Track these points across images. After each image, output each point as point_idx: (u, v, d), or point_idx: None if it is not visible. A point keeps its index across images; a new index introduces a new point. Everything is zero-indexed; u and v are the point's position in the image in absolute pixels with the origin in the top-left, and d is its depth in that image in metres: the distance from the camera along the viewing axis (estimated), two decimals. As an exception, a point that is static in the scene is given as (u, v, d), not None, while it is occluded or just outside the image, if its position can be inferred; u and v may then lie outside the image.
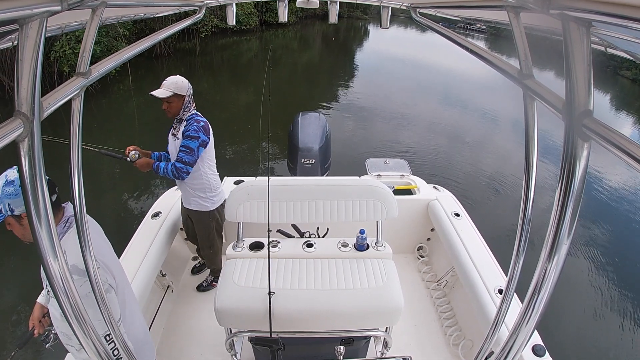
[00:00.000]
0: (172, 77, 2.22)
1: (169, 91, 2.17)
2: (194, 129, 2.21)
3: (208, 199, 2.46)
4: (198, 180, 2.38)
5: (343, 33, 28.55)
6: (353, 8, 32.08)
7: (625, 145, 0.46)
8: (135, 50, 0.91)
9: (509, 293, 0.87)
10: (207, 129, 2.28)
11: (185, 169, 2.23)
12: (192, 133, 2.20)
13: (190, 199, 2.46)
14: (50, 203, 0.60)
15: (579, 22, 0.50)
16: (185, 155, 2.21)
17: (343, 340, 1.70)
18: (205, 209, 2.47)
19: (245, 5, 18.56)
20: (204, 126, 2.25)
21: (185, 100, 2.23)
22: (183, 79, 2.23)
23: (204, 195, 2.44)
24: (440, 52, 16.11)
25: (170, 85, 2.19)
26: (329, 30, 26.97)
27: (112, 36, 11.24)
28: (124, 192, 5.56)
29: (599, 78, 11.62)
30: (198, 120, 2.26)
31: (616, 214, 6.34)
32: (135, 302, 1.52)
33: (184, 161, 2.21)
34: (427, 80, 15.20)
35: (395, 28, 32.42)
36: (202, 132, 2.23)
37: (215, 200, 2.50)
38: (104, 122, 8.66)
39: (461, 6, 1.12)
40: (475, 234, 2.58)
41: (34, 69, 0.51)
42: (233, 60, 16.78)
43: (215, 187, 2.49)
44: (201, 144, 2.24)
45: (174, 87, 2.19)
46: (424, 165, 6.96)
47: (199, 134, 2.22)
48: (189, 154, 2.21)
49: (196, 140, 2.21)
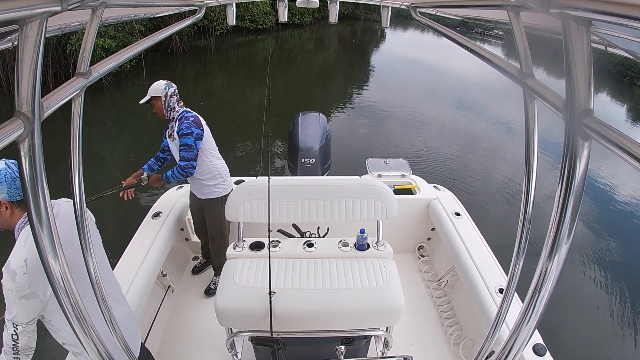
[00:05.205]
0: (153, 84, 2.36)
1: (147, 96, 2.34)
2: (185, 126, 2.32)
3: (219, 184, 2.56)
4: (206, 170, 2.49)
5: (359, 35, 28.49)
6: (370, 10, 31.92)
7: (625, 144, 0.46)
8: (135, 50, 0.91)
9: (510, 292, 0.87)
10: (198, 122, 2.37)
11: (190, 164, 2.36)
12: (185, 130, 2.31)
13: (203, 190, 2.56)
14: (50, 203, 0.60)
15: (579, 21, 0.50)
16: (186, 153, 2.34)
17: (344, 340, 1.70)
18: (218, 195, 2.57)
19: (261, 5, 18.66)
20: (194, 120, 2.35)
21: (163, 100, 2.33)
22: (160, 81, 2.36)
23: (216, 182, 2.55)
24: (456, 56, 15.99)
25: (148, 91, 2.35)
26: (345, 32, 26.93)
27: (128, 31, 11.31)
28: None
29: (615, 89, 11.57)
30: (187, 116, 2.35)
31: (617, 214, 6.34)
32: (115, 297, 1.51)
33: (186, 158, 2.35)
34: (441, 84, 15.01)
35: (413, 31, 32.31)
36: (193, 126, 2.33)
37: (227, 185, 2.60)
38: (118, 117, 8.72)
39: (461, 5, 1.12)
40: (476, 233, 2.58)
41: (34, 69, 0.51)
42: (249, 59, 16.81)
43: (224, 172, 2.60)
44: (197, 138, 2.34)
45: (150, 91, 2.34)
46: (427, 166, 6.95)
47: (192, 129, 2.32)
48: (189, 151, 2.34)
49: (191, 136, 2.32)
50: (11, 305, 1.18)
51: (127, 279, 2.06)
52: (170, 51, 14.77)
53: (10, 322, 1.22)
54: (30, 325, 1.23)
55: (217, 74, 14.31)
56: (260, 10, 19.76)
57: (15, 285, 1.14)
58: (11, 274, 1.14)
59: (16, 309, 1.18)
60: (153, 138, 7.27)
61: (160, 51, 14.41)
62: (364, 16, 35.12)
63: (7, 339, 1.23)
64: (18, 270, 1.14)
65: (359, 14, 34.85)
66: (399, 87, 13.75)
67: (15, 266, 1.14)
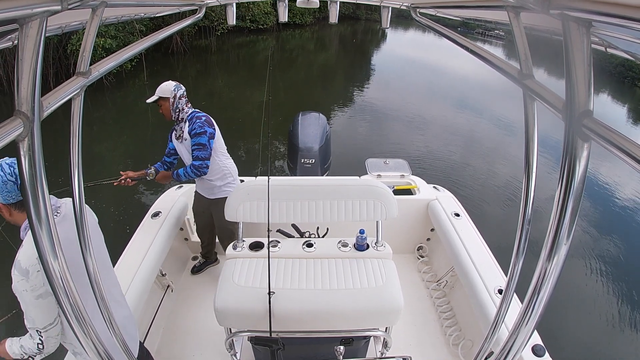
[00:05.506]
0: (162, 83, 2.34)
1: (155, 96, 2.32)
2: (198, 125, 2.31)
3: (229, 184, 2.56)
4: (216, 170, 2.48)
5: (360, 35, 28.47)
6: (371, 10, 31.92)
7: (625, 145, 0.46)
8: (135, 50, 0.91)
9: (509, 293, 0.87)
10: (210, 122, 2.37)
11: (204, 164, 2.35)
12: (198, 130, 2.31)
13: (213, 190, 2.55)
14: (50, 203, 0.60)
15: (579, 22, 0.50)
16: (200, 152, 2.33)
17: (343, 340, 1.70)
18: (228, 195, 2.55)
19: (262, 5, 18.68)
20: (206, 120, 2.35)
21: (171, 102, 2.32)
22: (169, 82, 2.34)
23: (226, 182, 2.55)
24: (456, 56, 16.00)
25: (157, 91, 2.33)
26: (346, 32, 26.87)
27: (128, 31, 11.31)
28: (123, 192, 5.57)
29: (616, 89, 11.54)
30: (199, 116, 2.34)
31: (617, 215, 6.34)
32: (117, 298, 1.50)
33: (200, 157, 2.33)
34: (441, 85, 14.98)
35: (414, 32, 32.31)
36: (206, 125, 2.32)
37: (236, 185, 2.59)
38: (118, 116, 8.71)
39: (461, 6, 1.12)
40: (475, 234, 2.58)
41: (34, 68, 0.51)
42: (249, 59, 16.79)
43: (234, 172, 2.60)
44: (210, 137, 2.34)
45: (158, 91, 2.32)
46: (427, 166, 6.95)
47: (205, 128, 2.31)
48: (203, 150, 2.33)
49: (204, 135, 2.31)
50: (28, 309, 1.15)
51: (126, 279, 2.05)
52: (171, 51, 14.80)
53: (34, 331, 1.18)
54: (54, 329, 1.20)
55: (218, 74, 14.31)
56: (261, 11, 19.79)
57: (30, 285, 1.12)
58: (24, 273, 1.11)
59: (34, 312, 1.15)
60: (153, 138, 7.29)
61: (161, 51, 14.43)
62: (365, 16, 35.13)
63: (31, 347, 1.20)
64: (31, 268, 1.12)
65: (360, 14, 34.86)
66: (400, 88, 13.75)
67: (28, 264, 1.12)
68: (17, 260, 1.13)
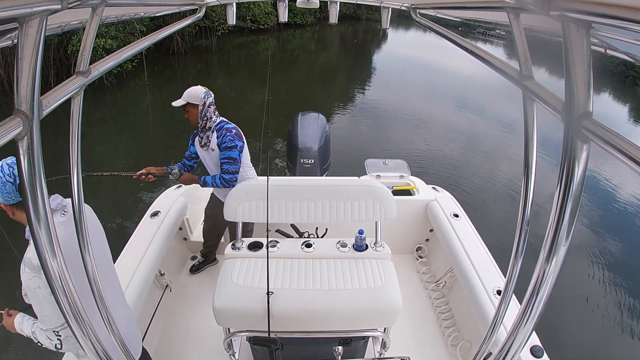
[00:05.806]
0: (191, 87, 2.27)
1: (183, 100, 2.24)
2: (229, 139, 2.26)
3: None
4: (239, 179, 2.43)
5: (361, 35, 28.43)
6: (372, 11, 31.94)
7: (624, 146, 0.46)
8: (135, 49, 0.91)
9: (508, 294, 0.87)
10: (240, 135, 2.33)
11: (234, 177, 2.32)
12: (229, 144, 2.26)
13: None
14: (49, 202, 0.60)
15: (578, 24, 0.50)
16: (230, 166, 2.30)
17: (341, 341, 1.70)
18: None
19: (262, 5, 18.65)
20: (236, 133, 2.30)
21: (200, 109, 2.25)
22: (199, 88, 2.26)
23: None
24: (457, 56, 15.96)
25: (185, 95, 2.25)
26: (347, 32, 26.82)
27: (129, 31, 11.27)
28: (123, 191, 5.57)
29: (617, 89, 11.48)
30: (229, 128, 2.29)
31: (616, 215, 6.34)
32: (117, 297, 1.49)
33: (230, 171, 2.30)
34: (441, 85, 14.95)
35: (415, 32, 32.30)
36: (237, 139, 2.29)
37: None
38: (119, 117, 8.69)
39: (461, 7, 1.12)
40: (474, 234, 2.58)
41: (34, 67, 0.51)
42: (250, 59, 16.75)
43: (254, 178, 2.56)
44: (240, 151, 2.31)
45: (187, 96, 2.24)
46: (427, 167, 6.95)
47: (236, 142, 2.28)
48: (233, 164, 2.30)
49: (235, 149, 2.28)
50: (43, 307, 1.12)
51: (125, 278, 2.05)
52: (171, 51, 14.77)
53: (51, 332, 1.15)
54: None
55: (219, 74, 14.30)
56: (262, 11, 19.78)
57: (42, 280, 1.08)
58: (36, 269, 1.09)
59: (49, 309, 1.12)
60: (154, 138, 7.27)
61: (162, 51, 14.42)
62: (366, 16, 35.15)
63: (47, 345, 1.17)
64: None
65: (360, 14, 34.88)
66: (400, 88, 13.75)
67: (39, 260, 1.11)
68: (26, 258, 1.11)
